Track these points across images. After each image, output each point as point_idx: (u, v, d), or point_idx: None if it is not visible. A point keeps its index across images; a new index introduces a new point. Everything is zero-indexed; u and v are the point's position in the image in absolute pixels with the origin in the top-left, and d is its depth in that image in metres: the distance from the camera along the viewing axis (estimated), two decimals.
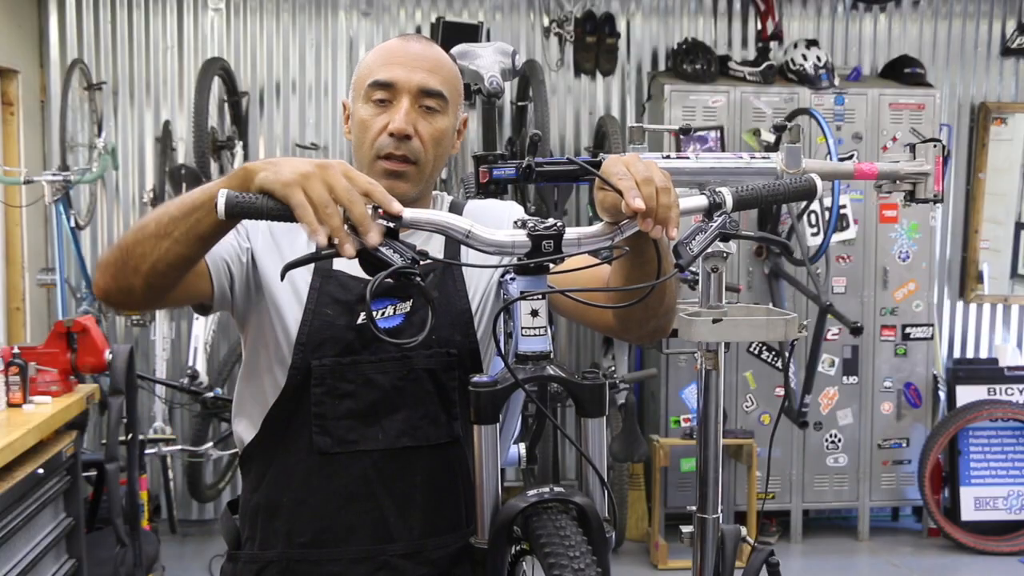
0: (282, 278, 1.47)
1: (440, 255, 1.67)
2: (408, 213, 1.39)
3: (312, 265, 1.61)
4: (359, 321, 1.61)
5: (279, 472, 1.66)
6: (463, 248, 1.61)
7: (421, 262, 1.36)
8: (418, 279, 1.35)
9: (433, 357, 1.64)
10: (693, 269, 3.09)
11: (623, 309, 1.55)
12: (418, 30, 5.36)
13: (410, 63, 1.63)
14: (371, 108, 1.63)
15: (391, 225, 1.36)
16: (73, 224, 4.75)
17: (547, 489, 1.43)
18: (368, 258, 1.34)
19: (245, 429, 1.70)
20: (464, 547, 1.58)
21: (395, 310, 1.63)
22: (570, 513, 1.43)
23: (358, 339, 1.61)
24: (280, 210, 1.35)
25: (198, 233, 1.40)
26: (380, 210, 1.36)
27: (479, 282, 1.72)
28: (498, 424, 1.47)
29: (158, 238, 1.41)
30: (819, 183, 1.58)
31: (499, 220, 1.71)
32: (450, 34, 5.02)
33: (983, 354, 5.75)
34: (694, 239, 1.45)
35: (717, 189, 1.50)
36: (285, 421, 1.64)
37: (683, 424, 5.03)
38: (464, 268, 1.70)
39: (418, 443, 1.65)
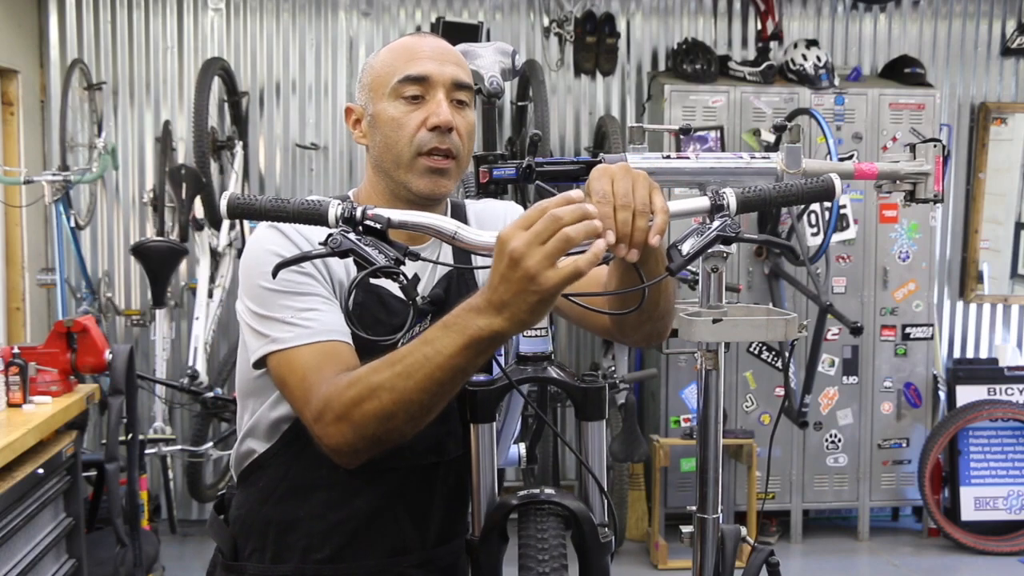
0: (274, 276, 1.42)
1: (450, 259, 1.66)
2: (396, 215, 1.37)
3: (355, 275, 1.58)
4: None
5: (295, 486, 1.61)
6: (473, 255, 1.60)
7: (407, 261, 1.35)
8: (402, 277, 1.33)
9: None
10: (693, 269, 3.09)
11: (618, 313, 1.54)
12: (418, 30, 5.36)
13: (438, 57, 1.59)
14: (403, 105, 1.57)
15: (378, 226, 1.35)
16: (73, 224, 4.76)
17: (538, 491, 1.44)
18: (355, 257, 1.34)
19: (258, 441, 1.64)
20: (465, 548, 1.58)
21: (421, 330, 1.58)
22: (560, 516, 1.43)
23: None
24: (279, 212, 1.34)
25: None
26: (368, 211, 1.35)
27: None
28: (494, 423, 1.48)
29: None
30: (838, 183, 1.43)
31: (501, 220, 1.70)
32: (450, 34, 5.01)
33: (983, 354, 5.75)
34: (686, 241, 1.37)
35: (721, 190, 1.41)
36: (309, 437, 1.55)
37: (683, 424, 5.03)
38: (479, 276, 1.68)
39: (441, 458, 1.62)
